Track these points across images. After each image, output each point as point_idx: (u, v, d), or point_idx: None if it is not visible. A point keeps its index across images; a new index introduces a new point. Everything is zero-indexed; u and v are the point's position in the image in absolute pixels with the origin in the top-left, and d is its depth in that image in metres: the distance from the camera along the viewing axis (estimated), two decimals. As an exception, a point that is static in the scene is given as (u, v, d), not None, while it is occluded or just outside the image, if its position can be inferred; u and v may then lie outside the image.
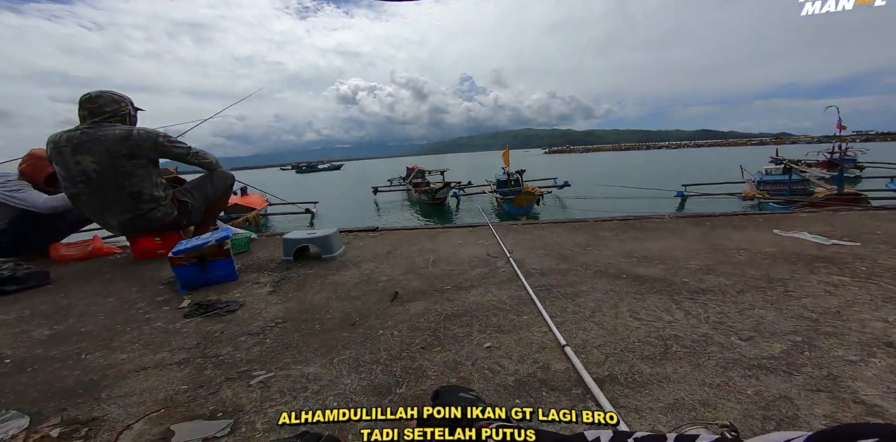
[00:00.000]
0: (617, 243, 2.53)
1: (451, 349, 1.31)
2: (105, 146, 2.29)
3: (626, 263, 2.11)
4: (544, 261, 2.22)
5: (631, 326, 1.39)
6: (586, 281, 1.87)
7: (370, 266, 2.32)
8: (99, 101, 2.38)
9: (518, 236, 2.88)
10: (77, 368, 1.29)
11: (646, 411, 0.98)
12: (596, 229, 2.97)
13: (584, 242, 2.62)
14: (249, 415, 1.01)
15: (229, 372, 1.23)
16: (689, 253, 2.23)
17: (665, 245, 2.42)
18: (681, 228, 2.85)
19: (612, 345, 1.27)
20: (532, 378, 1.14)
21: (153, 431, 0.95)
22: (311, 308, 1.73)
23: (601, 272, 1.98)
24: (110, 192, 2.40)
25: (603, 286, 1.78)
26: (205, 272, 2.09)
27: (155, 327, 1.60)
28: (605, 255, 2.28)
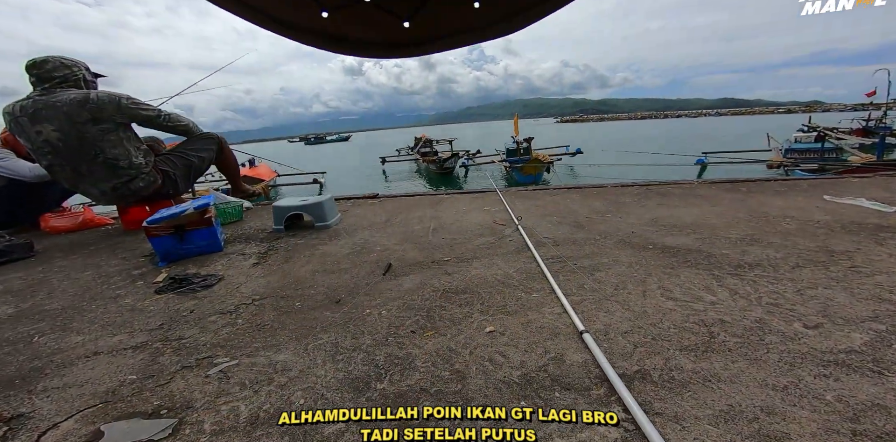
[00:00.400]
0: (640, 210, 2.24)
1: (445, 334, 1.10)
2: (63, 112, 2.09)
3: (652, 231, 1.83)
4: (557, 229, 1.96)
5: (664, 307, 1.14)
6: (606, 252, 1.61)
7: (365, 235, 2.10)
8: (45, 66, 2.16)
9: (528, 203, 2.60)
10: (24, 353, 1.13)
11: (689, 421, 0.76)
12: (615, 195, 2.66)
13: (602, 208, 2.33)
14: (198, 413, 0.83)
15: (187, 359, 1.04)
16: (726, 221, 1.93)
17: (696, 212, 2.12)
18: (713, 195, 2.52)
19: (642, 331, 1.03)
20: (542, 373, 0.92)
21: (81, 432, 0.78)
22: (295, 283, 1.52)
23: (623, 242, 1.71)
24: (83, 161, 2.22)
25: (626, 258, 1.52)
26: (184, 243, 1.90)
27: (122, 305, 1.43)
28: (627, 223, 2.00)
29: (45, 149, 2.16)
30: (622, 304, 1.18)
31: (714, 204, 2.29)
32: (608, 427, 0.77)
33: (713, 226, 1.86)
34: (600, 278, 1.36)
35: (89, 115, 2.13)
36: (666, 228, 1.86)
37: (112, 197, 2.43)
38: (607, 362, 0.91)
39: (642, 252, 1.57)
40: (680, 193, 2.60)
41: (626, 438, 0.74)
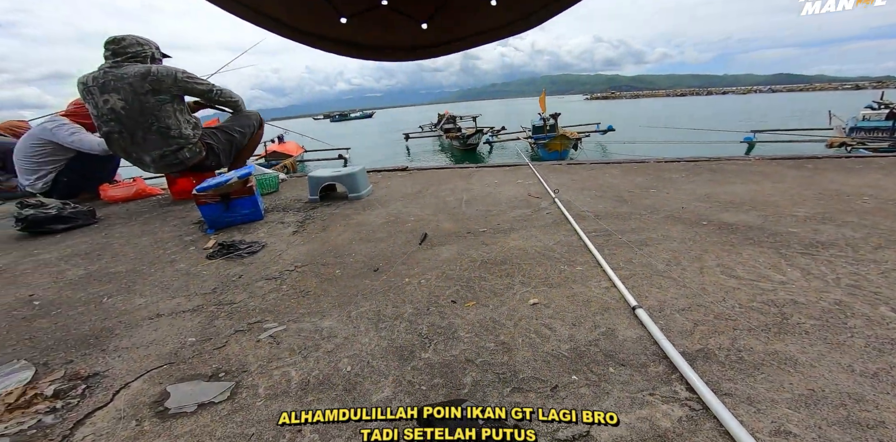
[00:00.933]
0: (689, 186, 2.04)
1: (487, 304, 1.05)
2: (128, 83, 2.25)
3: (705, 207, 1.66)
4: (597, 203, 1.82)
5: (726, 285, 1.03)
6: (655, 227, 1.47)
7: (398, 206, 2.05)
8: (122, 42, 2.33)
9: (563, 177, 2.43)
10: (96, 313, 1.19)
11: (765, 404, 0.68)
12: (659, 170, 2.44)
13: (645, 183, 2.15)
14: (253, 377, 0.84)
15: (240, 323, 1.06)
16: (791, 199, 1.71)
17: (756, 189, 1.90)
18: (774, 171, 2.26)
19: (702, 309, 0.94)
20: (593, 348, 0.86)
21: (150, 392, 0.81)
22: (334, 251, 1.52)
23: (673, 217, 1.57)
24: (139, 128, 2.35)
25: (678, 234, 1.39)
26: (229, 211, 1.94)
27: (177, 269, 1.48)
28: (676, 198, 1.83)
29: (109, 116, 2.31)
30: (676, 280, 1.08)
31: (776, 181, 2.05)
32: (670, 405, 0.71)
33: (776, 203, 1.66)
34: (650, 253, 1.25)
35: (150, 87, 2.26)
36: (721, 205, 1.68)
37: (160, 165, 2.51)
38: (666, 339, 0.84)
39: (695, 228, 1.43)
40: (735, 170, 2.35)
41: (691, 417, 0.68)
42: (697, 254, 1.22)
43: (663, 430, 0.67)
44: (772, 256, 1.18)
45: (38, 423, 0.73)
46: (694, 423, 0.68)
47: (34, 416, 0.74)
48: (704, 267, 1.13)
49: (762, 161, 2.56)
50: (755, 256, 1.18)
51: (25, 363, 0.94)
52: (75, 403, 0.78)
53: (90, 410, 0.76)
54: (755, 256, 1.18)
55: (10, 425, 0.72)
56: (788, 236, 1.31)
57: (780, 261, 1.14)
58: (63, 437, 0.69)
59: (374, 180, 2.76)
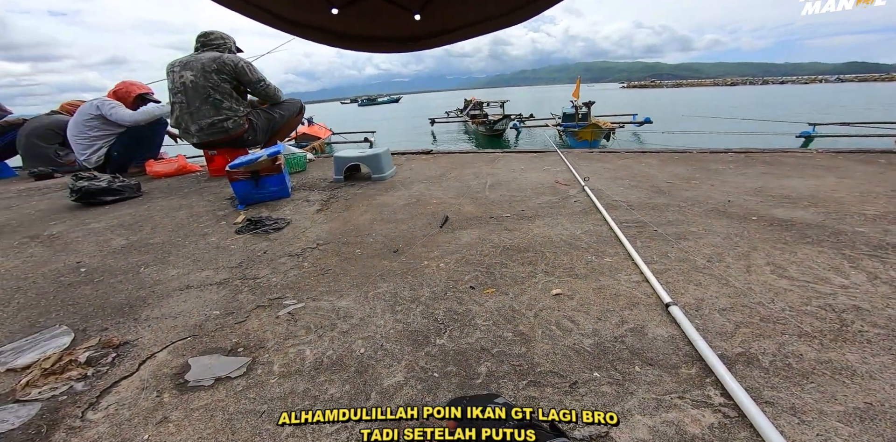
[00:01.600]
0: (738, 178, 1.84)
1: (507, 292, 0.99)
2: (202, 63, 2.61)
3: (756, 202, 1.49)
4: (631, 193, 1.68)
5: (776, 286, 0.91)
6: (695, 220, 1.33)
7: (420, 188, 1.99)
8: (210, 36, 2.78)
9: (594, 165, 2.27)
10: (133, 282, 1.23)
11: (812, 415, 0.59)
12: (703, 161, 2.23)
13: (686, 174, 1.96)
14: (269, 353, 0.83)
15: (261, 298, 1.06)
16: (860, 196, 1.50)
17: (817, 184, 1.69)
18: (839, 166, 2.00)
19: (746, 310, 0.83)
20: (619, 344, 0.78)
21: (173, 363, 0.82)
22: (355, 230, 1.48)
23: (717, 211, 1.41)
24: (198, 98, 2.62)
25: (722, 229, 1.25)
26: (259, 188, 1.95)
27: (209, 242, 1.50)
28: (722, 190, 1.65)
29: (179, 88, 2.64)
30: (718, 278, 0.96)
31: (842, 176, 1.81)
32: (701, 410, 0.63)
33: (840, 200, 1.46)
34: (688, 248, 1.13)
35: (216, 67, 2.62)
36: (775, 199, 1.50)
37: (207, 132, 2.65)
38: (702, 340, 0.75)
39: (743, 223, 1.28)
40: (793, 163, 2.10)
41: (724, 425, 0.61)
42: (745, 251, 1.09)
43: (690, 436, 0.60)
44: (833, 256, 1.03)
45: (70, 389, 0.75)
46: (727, 431, 0.60)
47: (67, 382, 0.76)
48: (752, 265, 1.01)
49: (825, 154, 2.28)
50: (812, 255, 1.04)
51: (66, 329, 0.97)
52: (104, 371, 0.80)
53: (117, 379, 0.77)
54: (812, 256, 1.03)
55: (43, 390, 0.74)
56: (854, 236, 1.14)
57: (842, 263, 0.99)
58: (90, 404, 0.70)
59: (398, 162, 2.70)
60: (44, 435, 0.64)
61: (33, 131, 3.36)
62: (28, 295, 1.18)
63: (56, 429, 0.65)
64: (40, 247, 1.59)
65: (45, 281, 1.27)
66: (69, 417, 0.68)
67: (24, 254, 1.52)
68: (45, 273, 1.33)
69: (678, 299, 0.88)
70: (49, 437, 0.64)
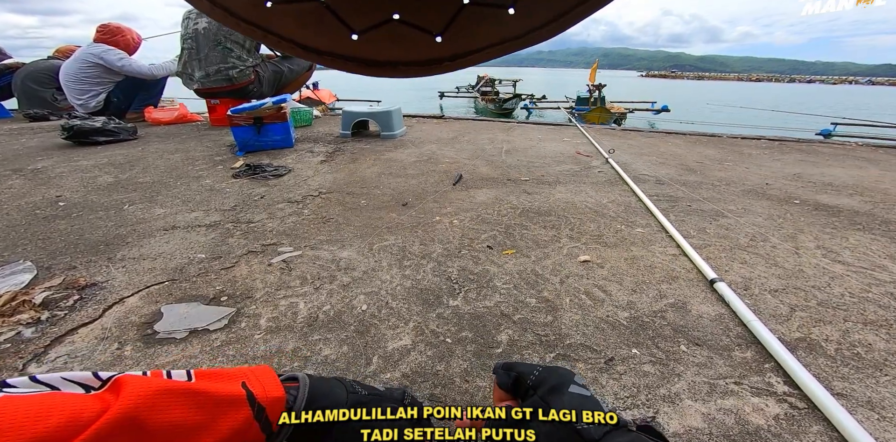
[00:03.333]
0: (773, 163, 1.65)
1: (528, 255, 0.83)
2: None
3: (797, 186, 1.31)
4: (659, 169, 1.48)
5: (830, 270, 0.76)
6: (732, 199, 1.16)
7: (431, 147, 1.77)
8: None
9: (616, 141, 2.03)
10: (114, 220, 1.04)
11: (893, 411, 0.46)
12: (734, 145, 2.01)
13: (716, 156, 1.76)
14: (257, 305, 0.67)
15: (254, 244, 0.88)
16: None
17: (860, 175, 1.50)
18: (882, 159, 1.82)
19: (801, 293, 0.69)
20: (659, 320, 0.64)
21: (143, 311, 0.65)
22: (361, 181, 1.29)
23: (754, 192, 1.24)
24: (208, 46, 2.42)
25: (762, 209, 1.08)
26: (261, 135, 1.71)
27: (202, 185, 1.30)
28: (757, 173, 1.47)
29: (191, 34, 2.42)
30: (765, 257, 0.81)
31: (885, 169, 1.63)
32: (763, 398, 0.50)
33: (887, 191, 1.29)
34: (727, 225, 0.97)
35: None
36: (816, 186, 1.32)
37: (212, 79, 2.40)
38: (758, 321, 0.60)
39: (785, 206, 1.11)
40: (831, 153, 1.90)
41: (792, 416, 0.47)
42: (790, 232, 0.93)
43: (754, 427, 0.46)
44: (887, 244, 0.88)
45: (16, 335, 0.58)
46: (795, 423, 0.47)
47: (14, 326, 0.60)
48: (800, 247, 0.85)
49: (866, 147, 2.09)
50: (866, 242, 0.89)
51: (29, 265, 0.80)
52: (62, 316, 0.63)
53: (74, 326, 0.61)
54: (866, 243, 0.88)
55: None
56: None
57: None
58: (35, 355, 0.55)
59: (408, 124, 2.45)
60: None
61: (29, 75, 3.02)
62: (-4, 226, 0.99)
63: None
64: (21, 180, 1.38)
65: (18, 213, 1.07)
66: (6, 370, 0.52)
67: (3, 185, 1.31)
68: (20, 205, 1.13)
69: (723, 277, 0.73)
70: None
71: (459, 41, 0.19)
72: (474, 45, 0.20)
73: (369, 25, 0.17)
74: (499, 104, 13.73)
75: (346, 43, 0.18)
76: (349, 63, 0.20)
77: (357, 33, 0.17)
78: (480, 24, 0.18)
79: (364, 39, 0.18)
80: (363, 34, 0.17)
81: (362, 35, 0.17)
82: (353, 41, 0.18)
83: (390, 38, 0.18)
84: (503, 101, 13.76)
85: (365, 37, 0.18)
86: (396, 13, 0.17)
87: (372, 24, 0.17)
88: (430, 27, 0.18)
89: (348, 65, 0.20)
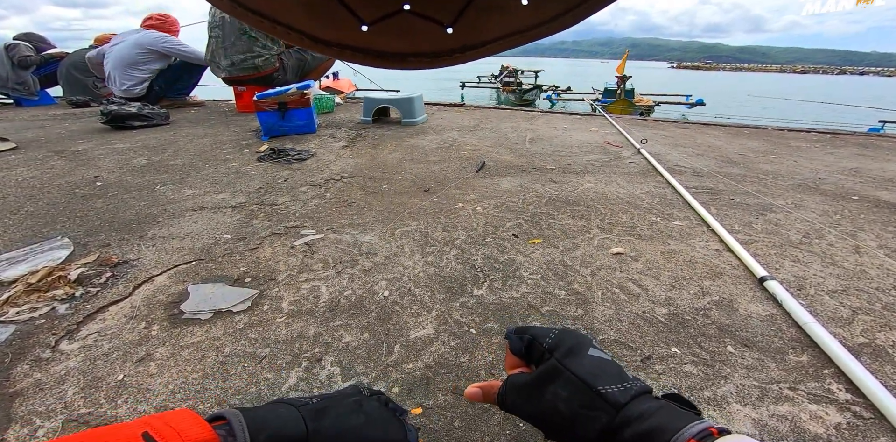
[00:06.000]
0: (826, 157, 1.49)
1: (556, 245, 0.77)
2: None
3: (854, 182, 1.17)
4: (696, 160, 1.36)
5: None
6: (781, 193, 1.05)
7: (453, 135, 1.69)
8: None
9: (648, 131, 1.89)
10: (146, 199, 1.04)
11: None
12: (781, 137, 1.83)
13: (761, 148, 1.60)
14: (280, 287, 0.65)
15: (277, 226, 0.86)
16: None
17: None
18: None
19: (864, 295, 0.60)
20: (702, 318, 0.57)
21: (171, 290, 0.64)
22: (382, 166, 1.24)
23: (806, 187, 1.12)
24: (234, 34, 2.40)
25: (815, 205, 0.97)
26: (285, 120, 1.69)
27: (229, 167, 1.28)
28: (808, 167, 1.32)
29: (218, 22, 2.39)
30: (821, 256, 0.72)
31: None
32: (822, 405, 0.44)
33: None
34: (776, 221, 0.87)
35: None
36: (876, 182, 1.18)
37: (237, 68, 2.38)
38: (818, 324, 0.53)
39: (842, 202, 0.99)
40: (891, 147, 1.71)
41: (856, 426, 0.41)
42: (849, 230, 0.82)
43: (812, 435, 0.41)
44: None
45: (51, 311, 0.58)
46: (860, 433, 0.41)
47: (50, 302, 0.59)
48: (861, 246, 0.75)
49: None
50: None
51: (67, 241, 0.80)
52: (94, 293, 0.62)
53: (105, 304, 0.60)
54: None
55: (22, 310, 0.57)
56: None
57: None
58: (67, 332, 0.54)
59: (428, 112, 2.37)
60: (5, 366, 0.48)
61: (73, 64, 3.10)
62: (38, 204, 1.00)
63: (21, 359, 0.49)
64: (62, 160, 1.40)
65: (59, 192, 1.09)
66: (40, 347, 0.51)
67: (46, 165, 1.34)
68: (60, 184, 1.15)
69: (774, 275, 0.65)
70: (10, 369, 0.47)
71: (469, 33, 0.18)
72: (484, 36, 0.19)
73: (379, 16, 0.17)
74: (519, 95, 13.22)
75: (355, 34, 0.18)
76: (358, 54, 0.19)
77: (367, 24, 0.17)
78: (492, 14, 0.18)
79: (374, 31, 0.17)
80: (373, 25, 0.17)
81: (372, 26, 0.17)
82: (362, 32, 0.17)
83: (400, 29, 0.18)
84: (523, 92, 13.23)
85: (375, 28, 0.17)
86: (407, 4, 0.17)
87: (382, 15, 0.17)
88: (441, 18, 0.17)
89: (357, 56, 0.19)
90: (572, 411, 0.26)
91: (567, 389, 0.26)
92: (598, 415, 0.25)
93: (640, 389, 0.26)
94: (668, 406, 0.25)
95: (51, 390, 0.44)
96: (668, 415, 0.24)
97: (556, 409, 0.26)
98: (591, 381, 0.26)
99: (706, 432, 0.22)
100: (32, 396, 0.44)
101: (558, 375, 0.27)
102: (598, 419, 0.25)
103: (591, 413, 0.25)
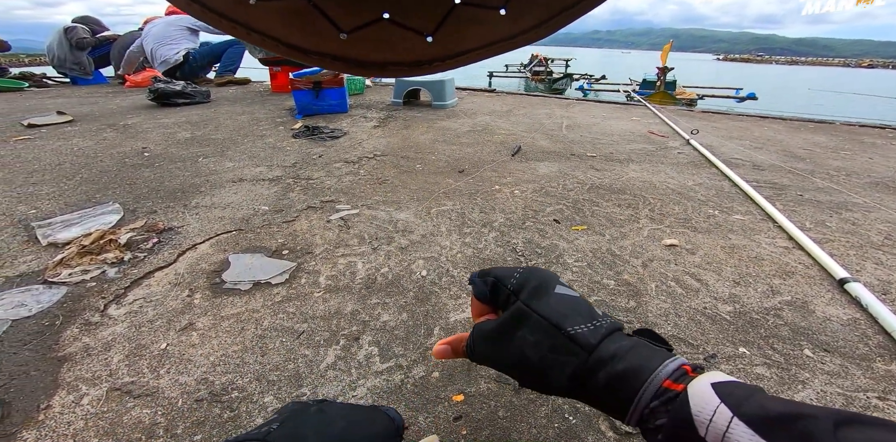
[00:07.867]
0: None
1: (602, 233, 0.70)
2: None
3: None
4: (755, 154, 1.22)
5: None
6: (857, 191, 0.92)
7: (485, 119, 1.60)
8: None
9: (696, 122, 1.72)
10: (190, 170, 1.04)
11: None
12: (851, 133, 1.63)
13: (829, 144, 1.42)
14: (317, 261, 0.62)
15: (313, 199, 0.83)
16: None
17: None
18: None
19: (980, 299, 0.51)
20: (773, 318, 0.50)
21: (213, 259, 0.63)
22: (415, 147, 1.19)
23: (884, 185, 0.97)
24: None
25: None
26: (319, 99, 1.66)
27: (266, 143, 1.27)
28: (885, 165, 1.16)
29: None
30: None
31: None
32: None
33: None
34: (853, 220, 0.76)
35: None
36: None
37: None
38: (918, 334, 0.45)
39: None
40: None
41: None
42: None
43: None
44: None
45: (101, 274, 0.58)
46: None
47: (101, 265, 0.59)
48: None
49: None
50: None
51: (117, 207, 0.81)
52: (141, 258, 0.62)
53: (151, 270, 0.59)
54: None
55: (74, 273, 0.57)
56: None
57: None
58: (115, 297, 0.53)
59: (458, 96, 2.27)
60: (55, 329, 0.48)
61: (125, 45, 3.20)
62: (92, 171, 1.02)
63: (71, 322, 0.49)
64: (115, 133, 1.43)
65: (111, 161, 1.11)
66: (89, 310, 0.51)
67: (99, 137, 1.37)
68: (112, 154, 1.17)
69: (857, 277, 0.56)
70: (60, 332, 0.47)
71: (449, 42, 0.18)
72: (464, 46, 0.18)
73: (358, 25, 0.16)
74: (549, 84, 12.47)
75: (333, 42, 0.17)
76: (337, 63, 0.18)
77: (346, 33, 0.17)
78: (472, 24, 0.17)
79: (353, 39, 0.17)
80: (352, 34, 0.17)
81: (351, 34, 0.17)
82: (341, 41, 0.17)
83: (380, 38, 0.17)
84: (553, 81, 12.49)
85: (354, 36, 0.17)
86: (387, 12, 0.16)
87: (361, 24, 0.16)
88: (421, 27, 0.17)
89: (336, 64, 0.18)
90: (542, 357, 0.23)
91: (535, 333, 0.23)
92: (568, 359, 0.22)
93: (610, 326, 0.23)
94: (641, 343, 0.23)
95: (98, 356, 0.44)
96: (642, 354, 0.22)
97: (524, 355, 0.23)
98: (560, 321, 0.23)
99: (681, 371, 0.21)
100: (80, 362, 0.43)
101: (525, 319, 0.23)
102: (568, 363, 0.22)
103: (561, 357, 0.22)
